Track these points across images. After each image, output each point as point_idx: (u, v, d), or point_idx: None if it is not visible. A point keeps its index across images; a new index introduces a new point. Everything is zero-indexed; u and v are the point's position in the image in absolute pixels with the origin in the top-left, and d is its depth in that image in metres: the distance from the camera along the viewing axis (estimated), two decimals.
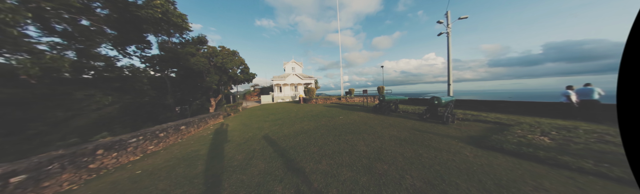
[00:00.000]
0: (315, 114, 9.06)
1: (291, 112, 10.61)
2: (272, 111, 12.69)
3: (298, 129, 6.04)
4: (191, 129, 7.35)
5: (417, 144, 3.84)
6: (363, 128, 5.48)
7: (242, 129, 7.02)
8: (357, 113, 8.63)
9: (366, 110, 9.66)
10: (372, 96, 16.81)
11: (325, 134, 5.12)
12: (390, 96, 8.39)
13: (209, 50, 24.60)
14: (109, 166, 3.87)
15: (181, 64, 22.31)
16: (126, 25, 9.62)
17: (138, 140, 4.71)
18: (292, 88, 30.25)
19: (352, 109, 10.60)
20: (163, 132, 5.71)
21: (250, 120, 9.21)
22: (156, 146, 5.27)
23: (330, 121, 6.91)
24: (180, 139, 6.38)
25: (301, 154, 3.73)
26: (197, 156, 4.18)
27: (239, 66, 27.84)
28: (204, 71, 24.98)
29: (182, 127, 6.80)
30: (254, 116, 10.62)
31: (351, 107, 11.33)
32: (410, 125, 5.50)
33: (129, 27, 9.81)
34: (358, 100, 16.70)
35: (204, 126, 8.36)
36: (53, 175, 2.96)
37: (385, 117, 7.22)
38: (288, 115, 9.64)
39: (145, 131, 5.16)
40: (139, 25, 9.87)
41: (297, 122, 7.31)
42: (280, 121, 7.86)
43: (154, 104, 22.70)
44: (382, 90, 17.64)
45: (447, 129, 4.78)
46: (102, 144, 3.87)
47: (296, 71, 30.25)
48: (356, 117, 7.59)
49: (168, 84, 23.54)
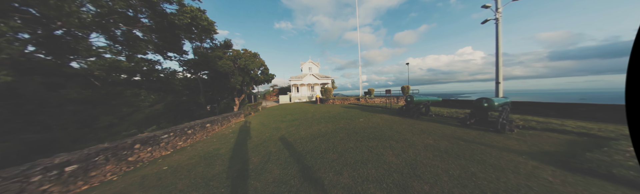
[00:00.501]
0: (332, 116, 8.50)
1: (308, 113, 10.25)
2: (289, 111, 12.53)
3: (315, 131, 5.57)
4: (216, 126, 7.53)
5: (465, 158, 3.00)
6: (389, 134, 4.73)
7: (260, 129, 6.87)
8: (380, 115, 7.80)
9: (390, 112, 8.72)
10: (395, 96, 15.48)
11: (345, 138, 4.53)
12: (419, 97, 7.35)
13: (233, 53, 26.32)
14: (144, 160, 4.13)
15: (210, 67, 24.48)
16: (165, 33, 10.53)
17: (169, 136, 4.98)
18: (309, 88, 30.19)
19: (373, 110, 9.74)
20: (191, 130, 5.92)
21: (268, 120, 9.11)
22: (185, 142, 5.53)
23: (349, 124, 6.28)
24: (206, 136, 6.54)
25: (319, 162, 3.24)
26: (217, 156, 4.10)
27: (259, 67, 29.03)
28: (229, 73, 26.87)
29: (208, 125, 6.97)
30: (271, 116, 10.56)
31: (372, 109, 10.46)
32: (449, 132, 4.56)
33: (167, 34, 10.72)
34: (379, 101, 15.58)
35: (226, 124, 8.56)
36: (99, 166, 3.27)
37: (414, 121, 6.28)
38: (305, 116, 9.28)
39: (175, 128, 5.39)
40: (174, 31, 10.70)
41: (314, 123, 6.85)
42: (296, 122, 7.51)
43: (189, 102, 25.47)
44: (408, 90, 16.13)
45: (505, 140, 3.74)
46: (139, 139, 4.16)
47: (313, 71, 30.11)
48: (379, 120, 6.80)
49: (200, 85, 26.05)
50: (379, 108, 10.88)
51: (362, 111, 9.61)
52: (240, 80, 27.81)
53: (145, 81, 9.00)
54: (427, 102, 7.37)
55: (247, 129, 6.93)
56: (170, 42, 10.71)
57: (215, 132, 7.09)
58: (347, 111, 9.94)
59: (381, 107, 11.47)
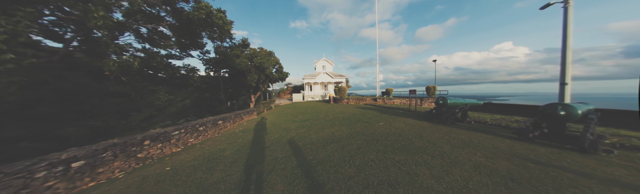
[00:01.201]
0: (347, 117, 7.69)
1: (320, 113, 9.57)
2: (301, 110, 12.01)
3: (328, 135, 4.86)
4: (227, 124, 7.32)
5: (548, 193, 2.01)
6: (420, 144, 3.81)
7: (270, 128, 6.39)
8: (403, 119, 6.77)
9: (414, 116, 7.60)
10: (419, 97, 13.94)
11: (364, 147, 3.74)
12: (454, 100, 6.16)
13: (250, 52, 26.96)
14: (154, 156, 3.97)
15: (229, 65, 25.58)
16: (184, 31, 10.69)
17: (180, 133, 4.80)
18: (322, 87, 29.52)
19: (393, 113, 8.67)
20: (202, 126, 5.72)
21: (279, 119, 8.65)
22: (196, 139, 5.36)
23: (367, 128, 5.44)
24: (217, 133, 6.33)
25: (332, 177, 2.55)
26: (220, 158, 3.70)
27: (274, 66, 29.34)
28: (245, 71, 27.74)
29: (220, 122, 6.76)
30: (283, 115, 10.12)
31: (392, 111, 9.37)
32: (505, 147, 3.48)
33: (186, 32, 10.87)
34: (399, 102, 14.23)
35: (239, 122, 8.35)
36: (107, 162, 3.13)
37: (449, 128, 5.19)
38: (317, 116, 8.62)
39: (187, 124, 5.20)
40: (193, 28, 10.79)
41: (327, 125, 6.14)
42: (308, 123, 6.89)
43: (212, 98, 27.58)
44: (434, 90, 14.45)
45: (603, 166, 2.58)
46: (149, 135, 4.00)
47: (327, 69, 29.31)
48: (403, 125, 5.82)
49: (221, 82, 27.44)
50: (400, 111, 9.73)
51: (380, 113, 8.62)
52: (255, 78, 28.49)
53: (167, 78, 9.24)
54: (465, 106, 6.13)
55: (257, 129, 6.50)
56: (190, 39, 10.85)
57: (227, 130, 6.82)
58: (363, 113, 9.03)
59: (402, 109, 10.28)
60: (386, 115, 8.00)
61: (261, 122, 8.00)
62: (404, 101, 14.17)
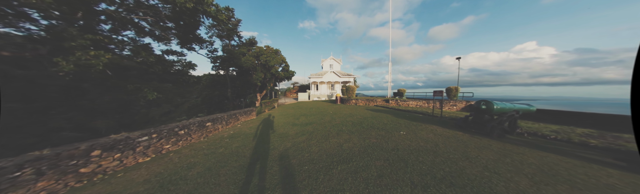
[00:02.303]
0: (357, 122, 6.44)
1: (326, 115, 8.38)
2: (305, 110, 10.89)
3: (334, 147, 3.68)
4: (219, 126, 6.34)
5: None
6: (473, 172, 2.52)
7: (264, 134, 5.29)
8: (429, 127, 5.42)
9: (441, 123, 6.21)
10: (437, 100, 12.29)
11: (388, 174, 2.51)
12: (503, 104, 4.72)
13: (256, 50, 26.33)
14: (108, 170, 3.05)
15: (235, 63, 25.22)
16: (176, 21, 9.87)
17: (150, 139, 3.80)
18: (329, 86, 28.29)
19: (412, 118, 7.30)
20: (184, 130, 4.74)
21: (278, 121, 7.57)
22: (174, 145, 4.37)
23: (386, 139, 4.18)
24: (204, 137, 5.36)
25: None
26: (178, 183, 2.57)
27: (280, 64, 28.56)
28: (251, 69, 27.29)
29: (208, 124, 5.77)
30: (284, 116, 9.04)
31: (410, 116, 7.99)
32: (621, 186, 2.11)
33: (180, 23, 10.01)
34: (414, 104, 12.70)
35: (233, 123, 7.35)
36: (22, 184, 2.21)
37: (500, 144, 3.82)
38: (321, 119, 7.44)
39: (160, 128, 4.21)
40: (184, 19, 9.92)
41: (333, 133, 4.94)
42: (310, 128, 5.73)
43: (220, 96, 27.99)
44: (456, 92, 12.75)
45: None
46: (100, 143, 3.00)
47: (334, 68, 28.02)
48: (432, 136, 4.49)
49: (228, 80, 27.22)
50: (419, 115, 8.32)
51: (396, 117, 7.27)
52: (261, 76, 27.87)
53: (160, 74, 8.43)
54: (515, 114, 4.67)
55: (249, 134, 5.44)
56: (186, 31, 9.99)
57: (216, 134, 5.83)
58: (375, 116, 7.72)
59: (421, 113, 8.85)
60: (404, 120, 6.65)
61: (257, 124, 6.95)
62: (420, 104, 12.63)
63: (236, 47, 28.35)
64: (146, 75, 7.91)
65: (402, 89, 18.57)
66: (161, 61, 8.20)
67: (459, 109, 11.82)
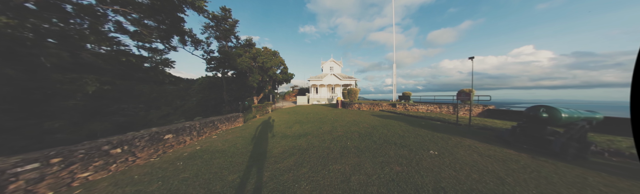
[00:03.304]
0: (365, 133, 5.05)
1: (325, 123, 6.98)
2: (302, 116, 9.50)
3: (336, 185, 2.27)
4: (186, 138, 4.95)
5: None
6: None
7: (238, 152, 3.88)
8: (462, 142, 4.02)
9: (473, 135, 4.81)
10: (450, 104, 10.80)
11: None
12: (570, 112, 3.36)
13: (253, 51, 25.40)
14: None
15: (231, 65, 24.20)
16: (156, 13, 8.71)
17: (45, 166, 2.36)
18: (329, 89, 27.05)
19: (431, 126, 5.90)
20: (121, 147, 3.34)
21: (266, 130, 6.17)
22: (101, 170, 2.93)
23: (415, 166, 2.78)
24: (159, 155, 3.95)
25: None
26: None
27: (278, 66, 27.55)
28: (248, 71, 26.23)
29: (168, 137, 4.38)
30: (276, 123, 7.65)
31: (426, 123, 6.60)
32: None
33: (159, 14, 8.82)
34: (425, 109, 11.31)
35: (209, 133, 5.90)
36: None
37: (591, 173, 2.42)
38: (320, 127, 6.05)
39: (75, 147, 2.79)
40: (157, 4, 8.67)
41: (335, 152, 3.53)
42: (303, 142, 4.33)
43: (217, 99, 27.07)
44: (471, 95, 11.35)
45: None
46: None
47: (335, 70, 26.94)
48: (477, 158, 3.09)
49: (223, 82, 26.09)
50: (437, 122, 6.94)
51: (411, 126, 5.88)
52: (258, 78, 26.68)
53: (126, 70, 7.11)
54: (586, 125, 3.30)
55: (217, 152, 4.03)
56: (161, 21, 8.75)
57: (178, 149, 4.44)
58: (385, 124, 6.33)
59: (438, 120, 7.45)
60: (424, 130, 5.26)
61: (237, 136, 5.55)
62: (431, 108, 11.25)
63: (233, 48, 27.48)
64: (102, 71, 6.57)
65: (407, 92, 17.24)
66: (122, 53, 6.80)
67: (474, 115, 10.42)
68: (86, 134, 7.03)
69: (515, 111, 8.87)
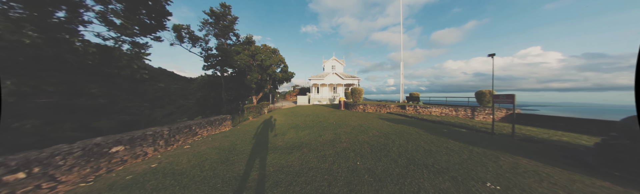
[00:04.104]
0: (378, 146, 3.87)
1: (326, 129, 5.82)
2: (300, 119, 8.36)
3: None
4: (148, 149, 3.84)
5: None
6: None
7: (205, 175, 2.75)
8: (517, 162, 2.82)
9: (522, 150, 3.59)
10: (460, 106, 9.40)
11: None
12: None
13: (251, 48, 24.33)
14: None
15: (229, 63, 23.18)
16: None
17: None
18: (330, 89, 25.88)
19: (458, 136, 4.70)
20: (23, 172, 2.24)
21: (252, 139, 5.04)
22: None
23: None
24: (94, 177, 2.87)
25: None
26: None
27: (278, 64, 26.45)
28: (246, 69, 25.19)
29: (115, 150, 3.26)
30: (268, 129, 6.53)
31: (450, 132, 5.39)
32: None
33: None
34: (438, 112, 10.06)
35: (181, 141, 4.79)
36: None
37: None
38: (319, 136, 4.90)
39: None
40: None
41: (339, 180, 2.37)
42: (295, 159, 3.17)
43: (216, 98, 26.45)
44: (488, 96, 10.08)
45: None
46: None
47: (337, 69, 25.76)
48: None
49: (222, 81, 25.08)
50: (462, 130, 5.72)
51: (434, 136, 4.69)
52: (256, 77, 25.58)
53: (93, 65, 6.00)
54: None
55: (172, 175, 2.90)
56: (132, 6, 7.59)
57: (130, 166, 3.34)
58: (400, 132, 5.14)
59: (461, 126, 6.23)
60: (453, 142, 4.06)
61: (213, 147, 4.41)
62: (447, 111, 10.00)
63: (232, 46, 26.49)
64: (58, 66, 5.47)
65: (415, 92, 15.99)
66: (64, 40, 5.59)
67: (497, 120, 9.15)
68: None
69: (547, 116, 7.52)
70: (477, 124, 6.84)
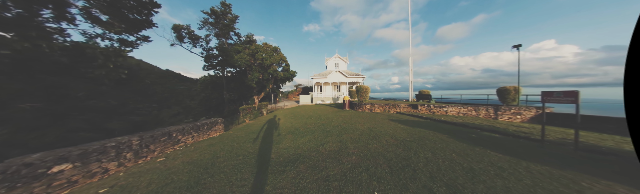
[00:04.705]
0: (398, 161, 2.95)
1: (329, 134, 4.94)
2: (301, 121, 7.52)
3: None
4: (109, 165, 3.07)
5: None
6: None
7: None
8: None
9: (609, 173, 2.59)
10: (478, 105, 7.95)
11: None
12: None
13: (252, 47, 23.60)
14: None
15: (229, 63, 22.65)
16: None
17: None
18: (334, 88, 24.94)
19: (497, 145, 3.71)
20: None
21: (239, 149, 4.24)
22: None
23: None
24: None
25: None
26: None
27: (279, 63, 25.64)
28: (247, 68, 24.57)
29: (55, 170, 2.48)
30: (262, 134, 5.71)
31: (481, 137, 4.39)
32: None
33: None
34: (456, 112, 8.97)
35: (157, 152, 4.02)
36: None
37: None
38: (322, 144, 4.02)
39: None
40: None
41: None
42: (288, 185, 2.33)
43: (219, 98, 26.42)
44: (515, 94, 8.87)
45: None
46: None
47: (340, 67, 24.74)
48: None
49: (224, 81, 24.66)
50: (495, 135, 4.71)
51: (465, 144, 3.72)
52: (257, 76, 24.90)
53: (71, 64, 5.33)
54: None
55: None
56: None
57: (74, 192, 2.59)
58: (421, 139, 4.20)
59: (493, 130, 5.20)
60: (496, 155, 3.10)
61: (189, 162, 3.61)
62: (465, 111, 8.91)
63: (233, 45, 25.90)
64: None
65: (425, 90, 14.85)
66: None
67: (525, 120, 8.02)
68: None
69: (592, 117, 5.93)
70: (508, 126, 5.79)
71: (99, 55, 4.96)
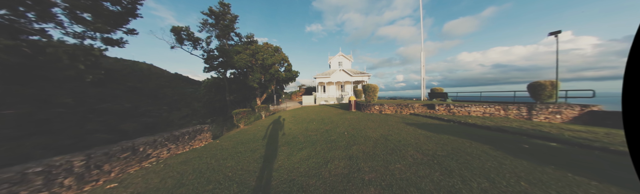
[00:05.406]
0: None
1: (335, 146, 3.93)
2: (300, 127, 6.56)
3: None
4: (73, 183, 2.26)
5: None
6: None
7: None
8: None
9: None
10: (509, 104, 6.45)
11: None
12: None
13: (252, 47, 22.90)
14: None
15: (230, 63, 22.08)
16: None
17: None
18: (338, 87, 23.88)
19: (578, 165, 2.61)
20: None
21: (218, 170, 3.31)
22: None
23: None
24: None
25: None
26: None
27: (281, 63, 24.85)
28: (248, 69, 23.89)
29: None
30: (253, 146, 4.78)
31: (535, 148, 3.28)
32: None
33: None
34: (480, 113, 7.75)
35: (116, 172, 3.10)
36: None
37: None
38: (324, 161, 3.02)
39: None
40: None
41: None
42: None
43: (222, 101, 26.14)
44: (552, 90, 7.49)
45: None
46: None
47: (344, 66, 23.65)
48: None
49: (226, 83, 24.14)
50: (553, 144, 3.58)
51: (525, 161, 2.65)
52: (258, 77, 24.15)
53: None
54: None
55: None
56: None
57: None
58: (457, 154, 3.13)
59: (550, 138, 4.04)
60: (580, 179, 2.04)
61: (150, 187, 2.71)
62: (492, 110, 7.69)
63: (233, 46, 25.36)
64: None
65: (438, 88, 13.57)
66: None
67: (566, 121, 6.75)
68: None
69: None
70: (559, 130, 4.60)
71: (62, 54, 4.19)
